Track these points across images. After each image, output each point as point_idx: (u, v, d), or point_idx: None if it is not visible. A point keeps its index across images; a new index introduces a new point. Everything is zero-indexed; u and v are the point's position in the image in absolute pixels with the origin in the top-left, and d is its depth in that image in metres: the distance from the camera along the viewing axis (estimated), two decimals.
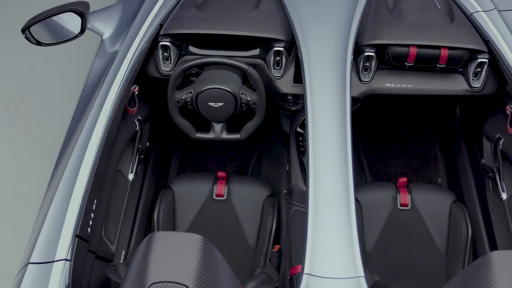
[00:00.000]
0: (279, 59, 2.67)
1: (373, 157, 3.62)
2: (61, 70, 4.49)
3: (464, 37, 2.63)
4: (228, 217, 2.82)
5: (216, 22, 2.65)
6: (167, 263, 1.51)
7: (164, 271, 1.49)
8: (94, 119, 2.32)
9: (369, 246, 2.72)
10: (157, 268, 1.50)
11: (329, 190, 2.00)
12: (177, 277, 1.47)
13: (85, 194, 2.09)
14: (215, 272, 1.55)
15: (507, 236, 2.63)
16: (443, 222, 2.73)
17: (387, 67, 2.72)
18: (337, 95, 2.29)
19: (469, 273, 1.56)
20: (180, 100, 2.56)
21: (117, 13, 2.90)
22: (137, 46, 2.61)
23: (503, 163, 2.69)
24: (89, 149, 2.22)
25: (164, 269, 1.50)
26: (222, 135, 2.63)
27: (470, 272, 1.55)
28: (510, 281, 1.44)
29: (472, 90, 2.69)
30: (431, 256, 2.72)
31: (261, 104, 2.55)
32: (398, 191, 2.77)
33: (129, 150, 2.76)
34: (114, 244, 2.55)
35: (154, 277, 1.48)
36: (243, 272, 2.72)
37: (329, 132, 2.17)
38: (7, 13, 4.89)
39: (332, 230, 1.90)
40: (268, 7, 2.77)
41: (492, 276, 1.47)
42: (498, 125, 2.75)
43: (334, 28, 2.56)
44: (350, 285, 1.78)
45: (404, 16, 2.78)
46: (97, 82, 2.53)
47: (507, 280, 1.45)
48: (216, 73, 2.54)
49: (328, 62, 2.42)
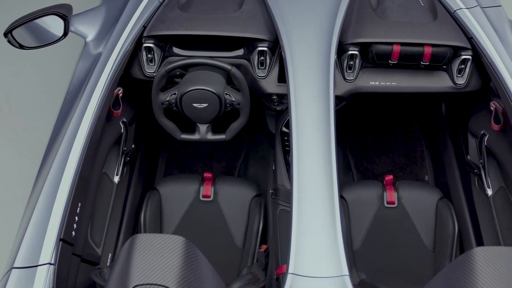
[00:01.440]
0: (263, 59, 2.67)
1: (360, 156, 3.62)
2: (45, 73, 4.47)
3: (447, 34, 2.64)
4: (215, 218, 2.81)
5: (200, 23, 2.65)
6: (150, 265, 1.51)
7: (147, 273, 1.49)
8: (77, 122, 2.31)
9: (356, 245, 2.72)
10: (140, 270, 1.50)
11: (313, 189, 2.00)
12: (159, 279, 1.47)
13: (69, 198, 2.08)
14: (198, 274, 1.55)
15: (493, 232, 2.64)
16: (430, 219, 2.73)
17: (371, 65, 2.72)
18: (320, 94, 2.29)
19: (452, 269, 1.56)
20: (165, 102, 2.55)
21: (100, 15, 2.89)
22: (121, 48, 2.60)
23: (488, 159, 2.70)
24: (72, 152, 2.21)
25: (146, 271, 1.49)
26: (207, 136, 2.63)
27: (454, 268, 1.56)
28: (492, 277, 1.45)
29: (456, 87, 2.70)
30: (418, 253, 2.73)
31: (246, 104, 2.55)
32: (384, 189, 2.77)
33: (114, 152, 2.75)
34: (100, 247, 2.54)
35: (137, 279, 1.48)
36: (230, 272, 2.72)
37: (312, 131, 2.17)
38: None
39: (316, 229, 1.90)
40: (251, 7, 2.77)
41: (475, 272, 1.47)
42: (482, 122, 2.76)
43: (317, 27, 2.57)
44: (334, 284, 1.78)
45: (388, 14, 2.78)
46: (81, 84, 2.52)
47: (489, 276, 1.45)
48: (200, 74, 2.53)
49: (311, 61, 2.42)
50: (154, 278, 1.47)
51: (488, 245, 2.66)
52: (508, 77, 2.49)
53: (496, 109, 2.59)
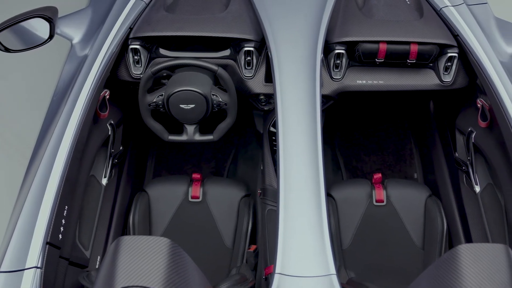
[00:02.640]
0: (249, 59, 2.67)
1: (349, 154, 3.63)
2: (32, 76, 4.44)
3: (433, 32, 2.65)
4: (204, 219, 2.81)
5: (186, 24, 2.64)
6: (135, 267, 1.50)
7: (132, 275, 1.48)
8: (63, 124, 2.31)
9: (346, 243, 2.73)
10: (125, 272, 1.49)
11: (299, 188, 2.00)
12: (144, 281, 1.46)
13: (56, 201, 2.07)
14: (184, 275, 1.54)
15: (482, 228, 2.64)
16: (419, 216, 2.74)
17: (358, 64, 2.73)
18: (307, 94, 2.29)
19: (438, 267, 1.56)
20: (152, 103, 2.54)
21: (86, 18, 2.88)
22: (107, 50, 2.59)
23: (475, 156, 2.71)
24: (59, 155, 2.20)
25: (132, 273, 1.49)
26: (195, 136, 2.62)
27: (439, 266, 1.56)
28: (476, 273, 1.45)
29: (443, 84, 2.71)
30: (408, 251, 2.73)
31: (233, 104, 2.55)
32: (373, 187, 2.77)
33: (102, 154, 2.74)
34: (88, 250, 2.53)
35: (122, 281, 1.47)
36: (220, 273, 2.71)
37: (299, 131, 2.17)
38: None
39: (302, 228, 1.90)
40: (237, 8, 2.77)
41: (460, 269, 1.48)
42: (470, 119, 2.77)
43: (303, 27, 2.57)
44: (321, 283, 1.78)
45: (374, 13, 2.79)
46: (67, 87, 2.51)
47: (474, 273, 1.45)
48: (186, 75, 2.53)
49: (298, 61, 2.42)
50: (139, 280, 1.47)
51: (476, 241, 2.66)
52: (494, 74, 2.50)
53: (482, 106, 2.60)
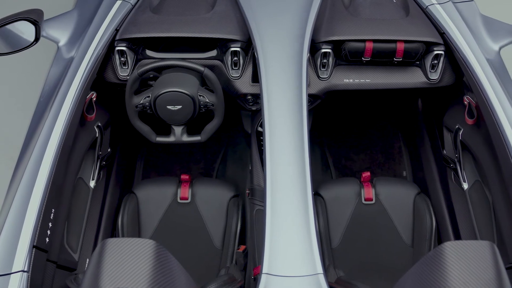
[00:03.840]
0: (236, 59, 2.66)
1: (338, 153, 3.63)
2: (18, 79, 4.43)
3: (419, 30, 2.65)
4: (193, 220, 2.80)
5: (172, 24, 2.64)
6: (120, 269, 1.50)
7: (117, 277, 1.48)
8: (50, 127, 2.30)
9: (335, 242, 2.73)
10: (110, 275, 1.49)
11: (286, 188, 2.00)
12: (130, 283, 1.46)
13: (42, 204, 2.06)
14: (169, 277, 1.54)
15: (470, 225, 2.65)
16: (408, 214, 2.74)
17: (345, 63, 2.73)
18: (293, 93, 2.29)
19: (423, 265, 1.57)
20: (139, 105, 2.54)
21: (72, 20, 2.87)
22: (93, 52, 2.58)
23: (463, 153, 2.72)
24: (45, 158, 2.19)
25: (117, 276, 1.48)
26: (182, 138, 2.62)
27: (425, 263, 1.56)
28: (461, 271, 1.46)
29: (430, 82, 2.71)
30: (397, 249, 2.74)
31: (220, 105, 2.54)
32: (362, 186, 2.78)
33: (89, 157, 2.74)
34: (77, 253, 2.53)
35: (108, 284, 1.47)
36: (210, 274, 2.71)
37: (285, 130, 2.17)
38: None
39: (289, 228, 1.90)
40: (223, 8, 2.76)
41: (445, 266, 1.48)
42: (457, 116, 2.77)
43: (290, 26, 2.57)
44: (308, 283, 1.78)
45: (360, 12, 2.79)
46: (53, 90, 2.50)
47: (459, 270, 1.46)
48: (173, 76, 2.52)
49: (284, 61, 2.42)
50: (124, 282, 1.46)
51: (465, 238, 2.67)
52: (480, 71, 2.51)
53: (469, 104, 2.61)
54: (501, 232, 2.40)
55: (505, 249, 2.32)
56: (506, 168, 2.26)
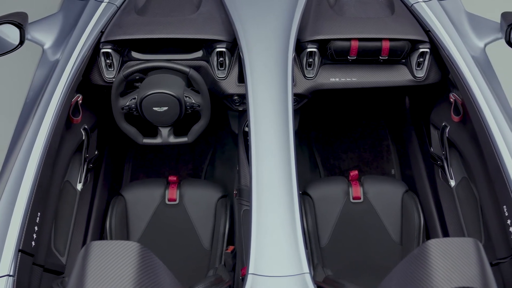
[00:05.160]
0: (222, 60, 2.66)
1: (327, 152, 3.63)
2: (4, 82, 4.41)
3: (404, 28, 2.65)
4: (181, 221, 2.80)
5: (157, 26, 2.63)
6: (104, 272, 1.49)
7: (102, 280, 1.47)
8: (35, 130, 2.29)
9: (324, 241, 2.73)
10: (95, 278, 1.48)
11: (272, 188, 2.00)
12: (114, 286, 1.46)
13: (28, 207, 2.06)
14: (154, 279, 1.54)
15: (458, 222, 2.66)
16: (396, 212, 2.75)
17: (330, 62, 2.73)
18: (279, 93, 2.29)
19: (408, 263, 1.57)
20: (125, 107, 2.53)
21: (57, 22, 2.86)
22: (78, 55, 2.57)
23: (450, 150, 2.72)
24: (30, 161, 2.19)
25: (101, 279, 1.48)
26: (169, 139, 2.61)
27: (410, 261, 1.56)
28: (446, 268, 1.46)
29: (416, 80, 2.72)
30: (386, 247, 2.74)
31: (206, 106, 2.54)
32: (350, 184, 2.78)
33: (76, 160, 2.73)
34: (64, 256, 2.52)
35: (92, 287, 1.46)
36: (199, 275, 2.70)
37: (271, 130, 2.17)
38: None
39: (275, 228, 1.90)
40: (209, 9, 2.76)
41: (429, 264, 1.48)
42: (443, 114, 2.78)
43: (275, 26, 2.57)
44: (295, 282, 1.78)
45: (345, 11, 2.79)
46: (39, 93, 2.49)
47: (443, 267, 1.46)
48: (159, 77, 2.52)
49: (269, 61, 2.42)
50: (109, 285, 1.46)
51: (453, 235, 2.68)
52: (465, 68, 2.52)
53: (455, 101, 2.61)
54: (488, 228, 2.41)
55: (492, 245, 2.32)
56: (491, 165, 2.27)
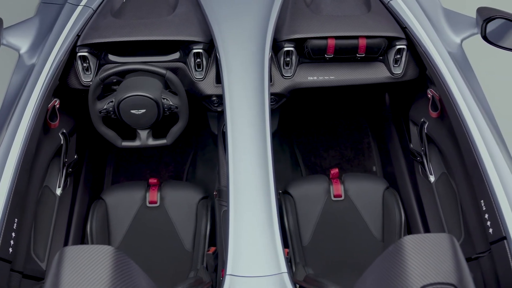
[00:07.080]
0: (199, 61, 2.65)
1: (307, 151, 3.63)
2: None
3: (381, 25, 2.66)
4: (162, 223, 2.79)
5: (133, 28, 2.62)
6: (79, 277, 1.48)
7: (76, 285, 1.46)
8: (11, 135, 2.27)
9: (306, 240, 2.73)
10: (69, 283, 1.47)
11: (249, 188, 2.00)
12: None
13: (4, 214, 2.04)
14: (130, 283, 1.53)
15: (438, 217, 2.67)
16: (377, 209, 2.75)
17: (308, 61, 2.73)
18: (256, 92, 2.29)
19: (384, 260, 1.57)
20: (102, 110, 2.52)
21: (33, 27, 2.84)
22: (54, 59, 2.55)
23: (429, 146, 2.73)
24: (7, 167, 2.17)
25: (75, 284, 1.47)
26: (148, 141, 2.60)
27: (385, 258, 1.57)
28: (420, 264, 1.46)
29: (394, 76, 2.72)
30: (368, 245, 2.75)
31: (184, 107, 2.53)
32: (331, 182, 2.78)
33: (55, 164, 2.71)
34: (44, 262, 2.50)
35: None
36: (181, 277, 2.70)
37: (247, 130, 2.16)
38: None
39: (253, 228, 1.90)
40: (185, 10, 2.75)
41: (404, 260, 1.48)
42: (422, 110, 2.79)
43: (251, 26, 2.56)
44: (273, 282, 1.78)
45: (322, 9, 2.79)
46: (15, 98, 2.47)
47: (418, 263, 1.46)
48: (136, 80, 2.51)
49: (246, 61, 2.41)
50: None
51: (434, 231, 2.69)
52: (442, 64, 2.53)
53: (433, 97, 2.62)
54: (467, 223, 2.42)
55: (472, 240, 2.34)
56: (468, 160, 2.28)
